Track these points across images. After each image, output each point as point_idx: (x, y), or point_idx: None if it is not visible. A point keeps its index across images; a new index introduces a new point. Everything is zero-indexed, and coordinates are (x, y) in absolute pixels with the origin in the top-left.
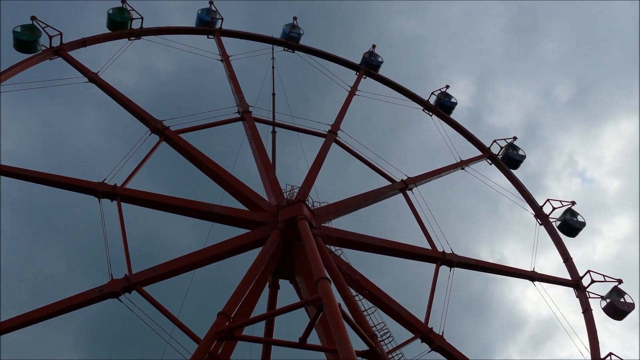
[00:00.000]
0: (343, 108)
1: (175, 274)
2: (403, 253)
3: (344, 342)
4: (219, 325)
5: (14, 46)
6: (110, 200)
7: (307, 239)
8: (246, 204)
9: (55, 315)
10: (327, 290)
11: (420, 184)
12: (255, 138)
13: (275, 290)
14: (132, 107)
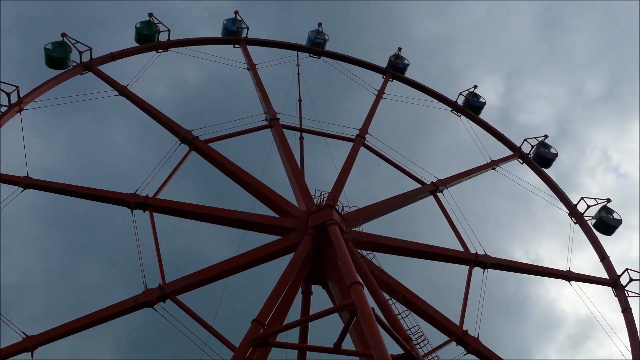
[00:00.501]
0: (370, 112)
1: (208, 282)
2: (435, 256)
3: (379, 346)
4: (254, 332)
5: (45, 63)
6: (143, 211)
7: (338, 244)
8: (276, 211)
9: (92, 326)
10: (360, 295)
11: (451, 186)
12: (283, 145)
13: (308, 296)
14: (161, 118)
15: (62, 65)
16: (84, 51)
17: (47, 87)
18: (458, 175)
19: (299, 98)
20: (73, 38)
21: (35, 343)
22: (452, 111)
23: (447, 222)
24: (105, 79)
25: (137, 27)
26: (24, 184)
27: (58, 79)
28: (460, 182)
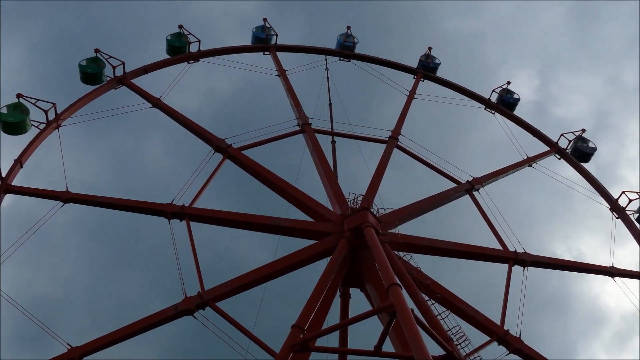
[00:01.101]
0: (402, 113)
1: (246, 288)
2: (473, 255)
3: (420, 348)
4: (294, 337)
5: (80, 79)
6: (180, 220)
7: (374, 247)
8: (311, 215)
9: (135, 335)
10: (398, 296)
11: (487, 184)
12: (316, 149)
13: (347, 300)
14: (194, 128)
15: (96, 80)
16: (117, 65)
17: (83, 102)
18: (494, 174)
19: (329, 102)
20: (106, 53)
21: (80, 354)
22: (486, 109)
23: (484, 221)
24: (138, 92)
25: (168, 40)
26: (64, 199)
27: (93, 94)
28: (496, 180)
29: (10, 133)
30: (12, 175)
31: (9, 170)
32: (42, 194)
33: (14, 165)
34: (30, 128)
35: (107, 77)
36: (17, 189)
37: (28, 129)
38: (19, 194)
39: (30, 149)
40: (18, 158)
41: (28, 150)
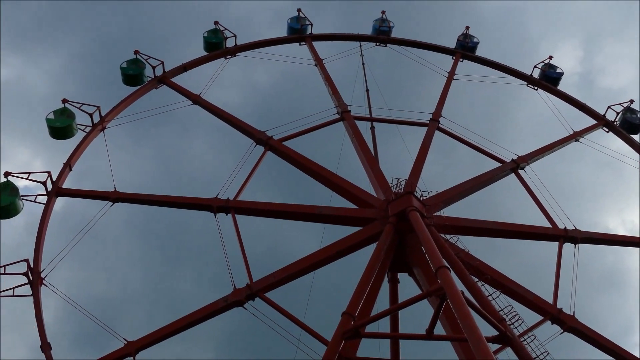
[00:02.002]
0: (442, 94)
1: (293, 277)
2: (522, 234)
3: (472, 329)
4: (345, 324)
5: (123, 81)
6: (225, 214)
7: (420, 230)
8: (355, 202)
9: (187, 328)
10: (447, 279)
11: (533, 162)
12: (356, 136)
13: (395, 285)
14: (235, 122)
15: (138, 81)
16: (157, 65)
17: (125, 104)
18: (539, 150)
19: (366, 88)
20: (145, 54)
21: (136, 348)
22: (528, 85)
23: (531, 199)
24: (178, 90)
25: (204, 37)
26: (112, 198)
27: (135, 95)
28: (542, 157)
29: (58, 138)
30: (62, 178)
31: (59, 174)
32: (91, 195)
33: (63, 169)
34: (77, 132)
35: (147, 77)
36: (68, 191)
37: (75, 133)
38: (69, 196)
39: (78, 152)
40: (67, 161)
41: (76, 154)
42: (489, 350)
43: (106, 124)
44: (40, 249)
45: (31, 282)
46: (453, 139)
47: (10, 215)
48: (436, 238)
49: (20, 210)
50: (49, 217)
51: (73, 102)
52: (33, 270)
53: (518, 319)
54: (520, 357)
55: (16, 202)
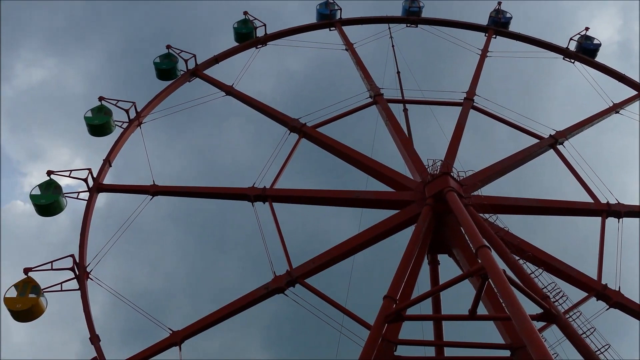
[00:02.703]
0: (476, 73)
1: (332, 263)
2: (563, 210)
3: (516, 308)
4: (387, 308)
5: (156, 76)
6: (263, 202)
7: (458, 211)
8: (391, 185)
9: (230, 316)
10: (488, 258)
11: (571, 136)
12: (390, 119)
13: (436, 266)
14: (268, 111)
15: (171, 75)
16: (189, 59)
17: (160, 98)
18: (578, 125)
19: (397, 71)
20: (177, 48)
21: (182, 337)
22: (565, 59)
23: (571, 174)
24: (211, 82)
25: (234, 27)
26: (152, 192)
27: (169, 89)
28: (581, 131)
29: (96, 135)
30: (102, 174)
31: (99, 170)
32: (131, 190)
33: (103, 165)
34: (114, 128)
35: (180, 71)
36: (108, 187)
37: (113, 129)
38: (110, 191)
39: (117, 148)
40: (106, 158)
41: (115, 150)
42: (534, 328)
43: (142, 119)
44: (84, 244)
45: (77, 276)
46: (489, 118)
47: (55, 212)
48: (475, 218)
49: (64, 207)
50: (92, 212)
51: (109, 99)
52: (79, 265)
53: (562, 295)
54: (566, 334)
55: (60, 199)
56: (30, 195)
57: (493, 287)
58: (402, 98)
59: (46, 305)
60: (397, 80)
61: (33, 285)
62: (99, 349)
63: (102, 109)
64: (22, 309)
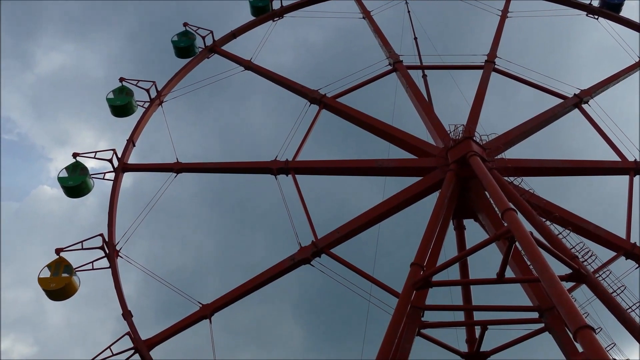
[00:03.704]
0: (497, 34)
1: (358, 232)
2: (589, 170)
3: (545, 269)
4: (414, 275)
5: (175, 54)
6: (286, 175)
7: (482, 175)
8: (414, 152)
9: (258, 288)
10: (515, 221)
11: (596, 95)
12: (410, 85)
13: (462, 232)
14: (287, 84)
15: (189, 53)
16: (206, 35)
17: (180, 76)
18: (603, 82)
19: (414, 37)
20: (194, 25)
21: (211, 310)
22: (588, 15)
23: (597, 134)
24: (230, 57)
25: (250, 1)
26: (176, 169)
27: (188, 67)
28: (606, 89)
29: (119, 115)
30: (127, 154)
31: (124, 150)
32: (155, 168)
33: (127, 145)
34: (136, 109)
35: (198, 48)
36: (133, 166)
37: (135, 109)
38: (135, 171)
39: (139, 127)
40: (130, 138)
41: (137, 129)
42: (563, 289)
43: (163, 98)
44: (113, 223)
45: (107, 255)
46: (511, 80)
47: (83, 193)
48: (499, 181)
49: (91, 188)
50: (118, 192)
51: (130, 79)
52: (108, 244)
53: (591, 255)
54: (596, 293)
55: (87, 180)
56: (58, 178)
57: (520, 250)
58: (421, 64)
59: (79, 284)
60: (415, 46)
61: (65, 264)
62: (131, 324)
63: (123, 89)
64: (56, 288)
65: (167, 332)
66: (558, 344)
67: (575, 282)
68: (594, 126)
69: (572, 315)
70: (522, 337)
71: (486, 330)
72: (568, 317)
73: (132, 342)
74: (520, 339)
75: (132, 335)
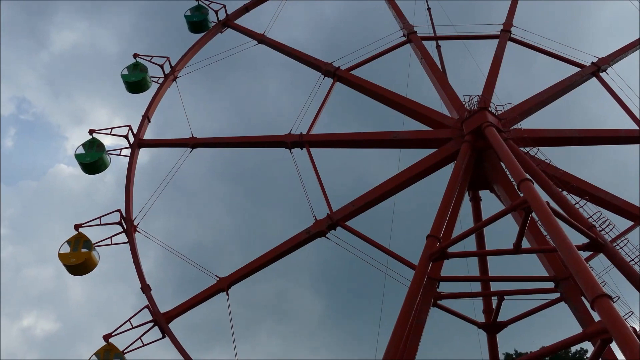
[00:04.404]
0: (513, 3)
1: (373, 204)
2: (606, 139)
3: (562, 238)
4: (431, 247)
5: (189, 29)
6: (300, 149)
7: (498, 145)
8: (429, 124)
9: (274, 261)
10: (531, 191)
11: (615, 63)
12: (425, 56)
13: (478, 203)
14: (301, 57)
15: (202, 27)
16: (219, 9)
17: (193, 51)
18: (622, 50)
19: (428, 7)
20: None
21: (228, 283)
22: None
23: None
24: (243, 31)
25: None
26: (191, 144)
27: (202, 41)
28: (624, 57)
29: (134, 92)
30: (142, 130)
31: (139, 126)
32: (170, 144)
33: (142, 121)
34: (151, 84)
35: (212, 22)
36: (149, 142)
37: (149, 85)
38: (150, 146)
39: (154, 103)
40: (145, 114)
41: (152, 105)
42: (580, 258)
43: (177, 73)
44: (130, 198)
45: (125, 230)
46: (528, 49)
47: (100, 169)
48: (515, 151)
49: (108, 164)
50: (135, 167)
51: (143, 55)
52: (126, 219)
53: (609, 224)
54: (614, 262)
55: (104, 156)
56: (75, 154)
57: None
58: (435, 34)
59: (98, 259)
60: (429, 17)
61: (84, 240)
62: (150, 298)
63: (137, 65)
64: (76, 263)
65: (185, 305)
66: (574, 313)
67: (593, 251)
68: (612, 95)
69: (589, 284)
70: (538, 307)
71: (503, 300)
72: (585, 286)
73: (151, 315)
74: (537, 309)
75: (151, 308)
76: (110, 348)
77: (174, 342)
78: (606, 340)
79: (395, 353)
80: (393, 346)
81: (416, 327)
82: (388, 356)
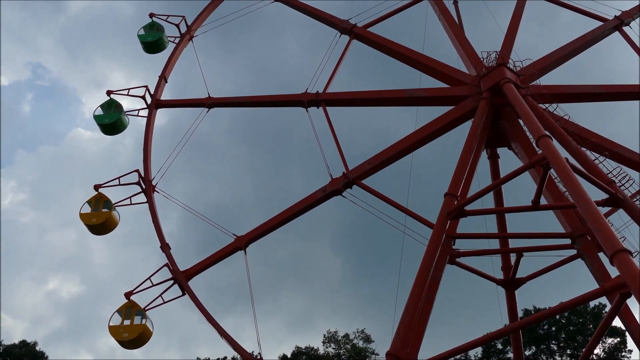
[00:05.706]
0: None
1: (389, 162)
2: (627, 95)
3: (581, 194)
4: (449, 205)
5: None
6: (317, 107)
7: (516, 102)
8: (446, 81)
9: (291, 219)
10: (549, 147)
11: (638, 16)
12: (443, 12)
13: (496, 160)
14: (317, 14)
15: None
16: None
17: (209, 10)
18: None
19: None
20: None
21: (246, 241)
22: None
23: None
24: None
25: None
26: (207, 104)
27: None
28: None
29: (151, 52)
30: (159, 90)
31: (156, 87)
32: (187, 104)
33: (159, 82)
34: (168, 44)
35: None
36: (166, 102)
37: (166, 45)
38: (167, 106)
39: (171, 63)
40: (161, 74)
41: (169, 65)
42: (599, 213)
43: (193, 33)
44: (148, 158)
45: (144, 190)
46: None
47: (119, 130)
48: (534, 108)
49: (126, 125)
50: (152, 128)
51: (159, 15)
52: (144, 179)
53: (629, 179)
54: (634, 216)
55: (122, 117)
56: (93, 115)
57: (555, 177)
58: None
59: (119, 219)
60: None
61: (105, 200)
62: (169, 256)
63: (153, 25)
64: (97, 222)
65: (204, 263)
66: (590, 270)
67: (612, 206)
68: (635, 49)
69: (608, 239)
70: (555, 264)
71: (521, 257)
72: (604, 241)
73: (170, 273)
74: (554, 265)
75: (170, 267)
76: (132, 305)
77: (193, 299)
78: (625, 295)
79: (414, 310)
80: (412, 303)
81: (432, 284)
82: (407, 313)
